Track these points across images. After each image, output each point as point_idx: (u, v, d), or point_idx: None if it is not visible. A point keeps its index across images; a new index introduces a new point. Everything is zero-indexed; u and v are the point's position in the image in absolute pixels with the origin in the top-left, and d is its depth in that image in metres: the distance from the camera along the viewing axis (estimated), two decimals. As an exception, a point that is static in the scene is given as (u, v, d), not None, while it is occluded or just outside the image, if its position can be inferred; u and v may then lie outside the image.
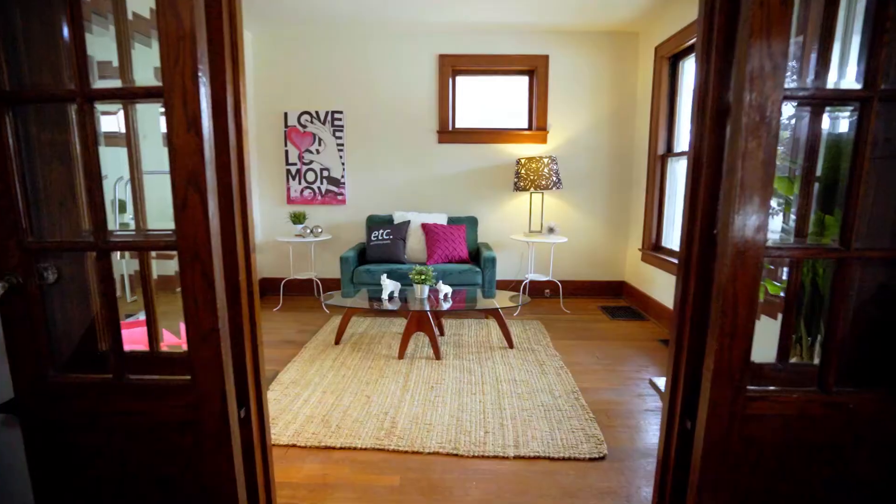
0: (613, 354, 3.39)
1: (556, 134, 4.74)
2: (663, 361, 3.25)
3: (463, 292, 3.74)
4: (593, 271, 4.95)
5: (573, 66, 4.64)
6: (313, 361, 3.20)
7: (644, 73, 4.49)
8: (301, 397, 2.68)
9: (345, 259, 4.09)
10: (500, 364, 3.16)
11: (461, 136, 4.75)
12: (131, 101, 1.30)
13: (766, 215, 1.01)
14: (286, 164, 4.82)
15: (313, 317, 4.26)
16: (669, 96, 4.14)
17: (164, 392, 1.16)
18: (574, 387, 2.82)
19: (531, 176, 4.29)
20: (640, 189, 4.60)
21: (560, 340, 3.66)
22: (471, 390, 2.77)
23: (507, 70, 4.75)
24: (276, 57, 4.70)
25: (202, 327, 1.09)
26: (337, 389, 2.77)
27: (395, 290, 3.51)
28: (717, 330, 1.07)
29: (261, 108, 4.77)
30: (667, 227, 4.26)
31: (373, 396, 2.68)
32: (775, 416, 1.12)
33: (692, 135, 1.21)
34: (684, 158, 3.94)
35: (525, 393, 2.74)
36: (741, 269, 1.04)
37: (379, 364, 3.15)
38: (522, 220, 4.85)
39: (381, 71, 4.69)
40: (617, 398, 2.72)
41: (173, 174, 1.04)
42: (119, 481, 1.22)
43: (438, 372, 3.02)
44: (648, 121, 4.38)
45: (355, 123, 4.77)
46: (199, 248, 1.06)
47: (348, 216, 4.91)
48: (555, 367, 3.10)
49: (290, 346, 3.52)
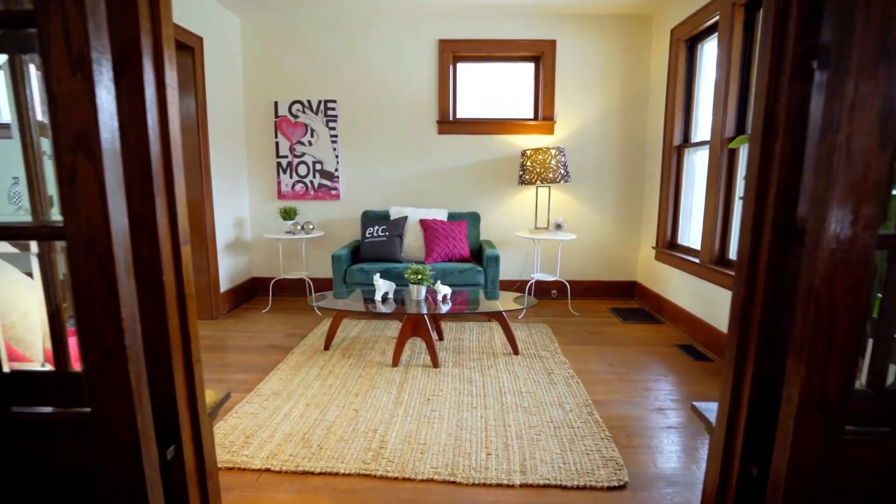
0: (628, 361, 3.09)
1: (563, 124, 4.44)
2: (683, 370, 2.95)
3: (464, 293, 3.45)
4: (603, 271, 4.65)
5: (582, 52, 4.35)
6: (299, 369, 2.92)
7: (658, 58, 4.19)
8: (281, 411, 2.39)
9: (337, 257, 3.81)
10: (504, 373, 2.87)
11: (462, 127, 4.46)
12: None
13: (884, 188, 0.72)
14: (276, 156, 4.54)
15: (303, 319, 3.98)
16: (686, 82, 3.84)
17: (59, 429, 0.87)
18: (586, 399, 2.53)
19: (537, 168, 4.00)
20: (653, 183, 4.30)
21: (569, 346, 3.37)
22: (471, 403, 2.48)
23: (512, 56, 4.46)
24: (266, 43, 4.42)
25: (103, 345, 0.81)
26: (322, 402, 2.49)
27: (390, 292, 3.23)
28: (804, 349, 0.78)
29: (249, 97, 4.49)
30: (683, 223, 3.96)
31: (361, 410, 2.40)
32: (884, 467, 0.83)
33: (761, 93, 0.91)
34: (703, 149, 3.63)
35: (532, 406, 2.45)
36: (842, 266, 0.75)
37: (370, 372, 2.86)
38: (528, 216, 4.56)
39: (377, 57, 4.40)
40: (634, 413, 2.42)
41: (55, 134, 0.75)
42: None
43: (436, 382, 2.73)
44: (663, 109, 4.08)
45: (350, 113, 4.48)
46: (94, 236, 0.77)
47: (343, 212, 4.63)
48: (564, 377, 2.81)
49: (276, 352, 3.24)
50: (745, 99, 3.05)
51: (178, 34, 3.42)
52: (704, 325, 3.34)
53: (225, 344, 3.40)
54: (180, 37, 3.44)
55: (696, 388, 2.70)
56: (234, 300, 4.33)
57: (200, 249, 3.87)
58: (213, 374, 2.87)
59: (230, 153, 4.26)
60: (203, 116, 3.76)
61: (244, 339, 3.49)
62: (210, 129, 3.90)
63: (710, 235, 3.27)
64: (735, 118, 3.10)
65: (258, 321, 3.93)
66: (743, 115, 3.06)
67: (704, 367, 3.01)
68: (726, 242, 3.22)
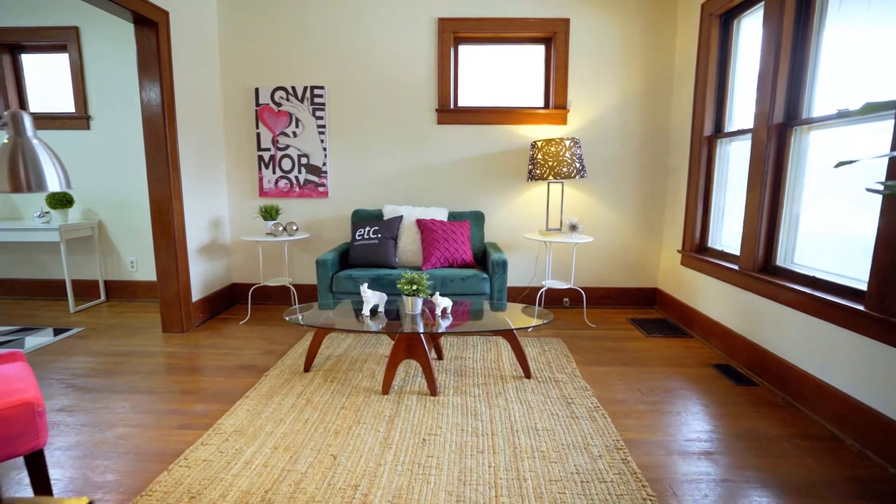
0: (659, 387, 2.63)
1: (577, 113, 3.98)
2: (726, 398, 2.49)
3: (466, 304, 2.99)
4: (621, 276, 4.19)
5: (598, 32, 3.88)
6: (271, 397, 2.46)
7: (685, 37, 3.72)
8: (242, 457, 1.93)
9: (322, 263, 3.35)
10: (515, 402, 2.41)
11: (465, 116, 4.00)
12: None
13: None
14: (258, 149, 4.09)
15: (285, 332, 3.52)
16: (720, 64, 3.37)
17: None
18: (617, 439, 2.07)
19: (550, 162, 3.54)
20: (678, 178, 3.84)
21: (589, 367, 2.91)
22: (476, 446, 2.02)
23: (520, 37, 3.99)
24: (246, 23, 3.96)
25: None
26: (294, 444, 2.03)
27: (381, 304, 2.77)
28: None
29: (227, 83, 4.03)
30: (714, 223, 3.50)
31: (341, 456, 1.94)
32: None
33: None
34: (739, 139, 3.17)
35: (552, 450, 1.99)
36: None
37: (356, 402, 2.40)
38: (538, 216, 4.10)
39: (369, 39, 3.94)
40: (678, 459, 1.96)
41: None
42: None
43: (433, 415, 2.27)
44: (692, 96, 3.62)
45: (339, 101, 4.02)
46: None
47: (331, 211, 4.17)
48: (587, 408, 2.35)
49: (248, 374, 2.78)
50: (799, 79, 2.58)
51: (137, 5, 2.96)
52: (745, 342, 2.88)
53: (191, 364, 2.95)
54: (139, 8, 2.98)
55: (748, 424, 2.23)
56: (210, 310, 3.87)
57: (167, 253, 3.41)
58: (168, 404, 2.41)
59: (205, 146, 3.80)
60: (170, 103, 3.30)
61: (214, 358, 3.04)
62: (179, 119, 3.44)
63: (753, 239, 2.80)
64: (784, 102, 2.63)
65: (234, 335, 3.47)
66: (796, 98, 2.60)
67: (750, 394, 2.55)
68: (773, 247, 2.75)
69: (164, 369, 2.85)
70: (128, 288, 4.40)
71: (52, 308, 4.16)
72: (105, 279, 4.39)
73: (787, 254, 2.71)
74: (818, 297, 2.28)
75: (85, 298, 4.40)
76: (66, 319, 3.84)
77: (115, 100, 4.13)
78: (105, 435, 2.12)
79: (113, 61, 4.08)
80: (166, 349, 3.19)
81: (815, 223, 2.52)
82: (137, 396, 2.50)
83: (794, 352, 2.48)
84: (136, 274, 4.38)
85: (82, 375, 2.76)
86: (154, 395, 2.52)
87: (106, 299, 4.40)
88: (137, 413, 2.32)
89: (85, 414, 2.31)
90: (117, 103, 4.13)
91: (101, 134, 4.19)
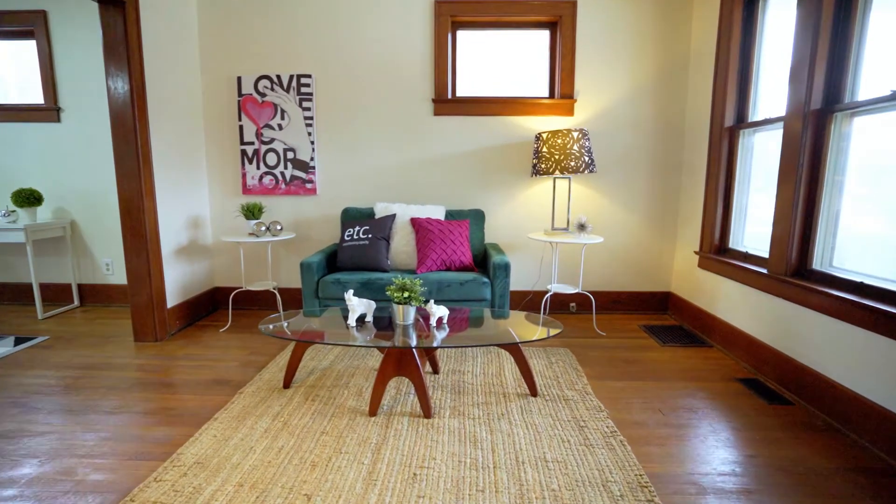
0: (682, 405, 2.34)
1: (584, 104, 3.68)
2: (759, 421, 2.20)
3: (465, 313, 2.70)
4: (631, 279, 3.89)
5: (608, 16, 3.59)
6: (244, 419, 2.17)
7: (703, 20, 3.42)
8: (200, 497, 1.64)
9: (306, 266, 3.06)
10: (521, 426, 2.11)
11: (463, 107, 3.70)
12: None
13: None
14: (241, 143, 3.79)
15: (267, 341, 3.23)
16: (742, 49, 3.08)
17: None
18: (640, 473, 1.77)
19: (556, 155, 3.24)
20: (694, 173, 3.54)
21: (601, 381, 2.62)
22: (476, 482, 1.73)
23: (523, 21, 3.70)
24: (228, 7, 3.66)
25: None
26: (263, 479, 1.74)
27: (369, 313, 2.48)
28: None
29: (207, 71, 3.74)
30: (736, 222, 3.20)
31: (316, 496, 1.64)
32: None
33: None
34: (766, 129, 2.87)
35: (564, 488, 1.69)
36: None
37: (338, 426, 2.11)
38: (543, 214, 3.80)
39: (360, 23, 3.65)
40: (714, 500, 1.67)
41: None
42: None
43: (427, 442, 1.98)
44: (711, 83, 3.32)
45: (328, 91, 3.73)
46: None
47: (320, 209, 3.87)
48: (603, 433, 2.06)
49: (221, 391, 2.49)
50: (842, 58, 2.29)
51: (99, -19, 2.67)
52: (776, 355, 2.59)
53: (160, 378, 2.65)
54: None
55: (789, 453, 1.94)
56: (188, 316, 3.58)
57: (138, 255, 3.12)
58: (126, 428, 2.12)
59: (182, 139, 3.51)
60: (140, 92, 3.01)
61: (187, 371, 2.75)
62: (152, 110, 3.15)
63: (786, 240, 2.51)
64: (824, 85, 2.34)
65: (212, 344, 3.18)
66: (837, 80, 2.30)
67: (786, 414, 2.26)
68: (808, 248, 2.46)
69: (129, 385, 2.56)
70: (103, 292, 4.10)
71: (20, 314, 3.87)
72: (79, 283, 4.10)
73: (825, 256, 2.41)
74: (866, 304, 1.99)
75: (57, 304, 4.11)
76: (32, 327, 3.55)
77: (87, 90, 3.83)
78: (44, 469, 1.83)
79: (84, 48, 3.79)
80: (135, 361, 2.90)
81: (860, 222, 2.22)
82: (93, 418, 2.21)
83: (835, 367, 2.19)
84: (112, 277, 4.09)
85: (35, 393, 2.46)
86: (112, 415, 2.23)
87: (80, 304, 4.11)
88: (88, 440, 2.03)
89: (28, 440, 2.02)
90: (90, 94, 3.84)
91: (72, 127, 3.89)
